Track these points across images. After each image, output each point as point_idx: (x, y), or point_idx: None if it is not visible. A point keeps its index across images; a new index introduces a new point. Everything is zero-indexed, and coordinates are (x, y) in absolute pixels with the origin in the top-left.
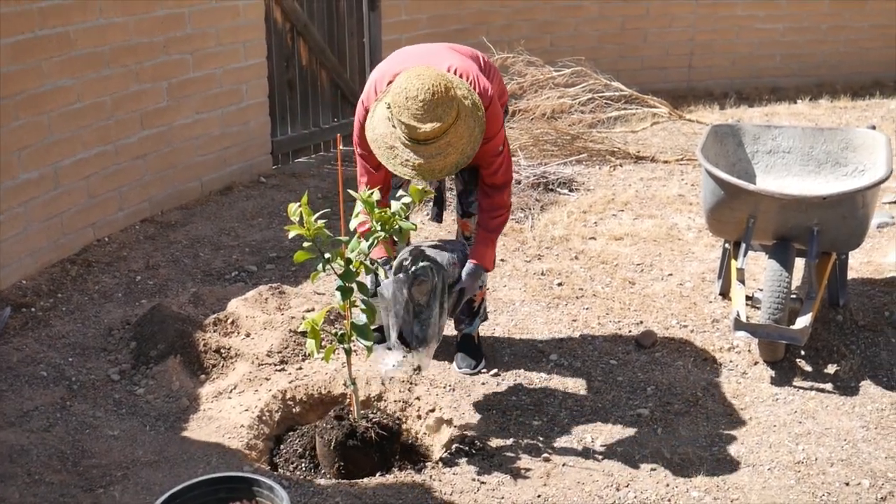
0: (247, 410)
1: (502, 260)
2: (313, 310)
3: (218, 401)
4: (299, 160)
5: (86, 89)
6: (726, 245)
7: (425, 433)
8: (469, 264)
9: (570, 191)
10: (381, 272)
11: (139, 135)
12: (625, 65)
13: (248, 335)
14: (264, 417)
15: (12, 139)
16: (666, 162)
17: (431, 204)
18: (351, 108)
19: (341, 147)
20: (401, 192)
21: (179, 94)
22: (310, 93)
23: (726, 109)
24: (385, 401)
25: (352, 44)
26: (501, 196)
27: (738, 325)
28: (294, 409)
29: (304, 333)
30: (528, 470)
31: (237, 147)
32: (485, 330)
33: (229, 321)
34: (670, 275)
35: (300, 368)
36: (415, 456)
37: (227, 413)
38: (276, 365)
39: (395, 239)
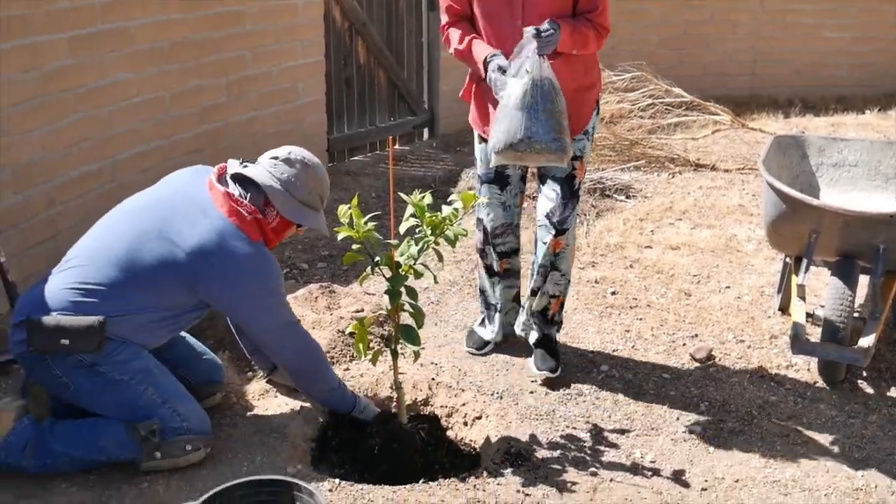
0: (293, 410)
1: None
2: (363, 310)
3: (265, 399)
4: (355, 158)
5: (145, 84)
6: (787, 259)
7: (471, 440)
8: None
9: (627, 197)
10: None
11: (196, 130)
12: (686, 70)
13: None
14: (309, 418)
15: (72, 132)
16: (727, 171)
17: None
18: (407, 108)
19: (394, 148)
20: (453, 196)
21: (237, 91)
22: (367, 91)
23: (791, 118)
24: (431, 405)
25: (410, 43)
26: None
27: (797, 343)
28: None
29: (352, 334)
30: (574, 484)
31: (292, 144)
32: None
33: None
34: (728, 287)
35: (347, 369)
36: (459, 463)
37: (272, 412)
38: None
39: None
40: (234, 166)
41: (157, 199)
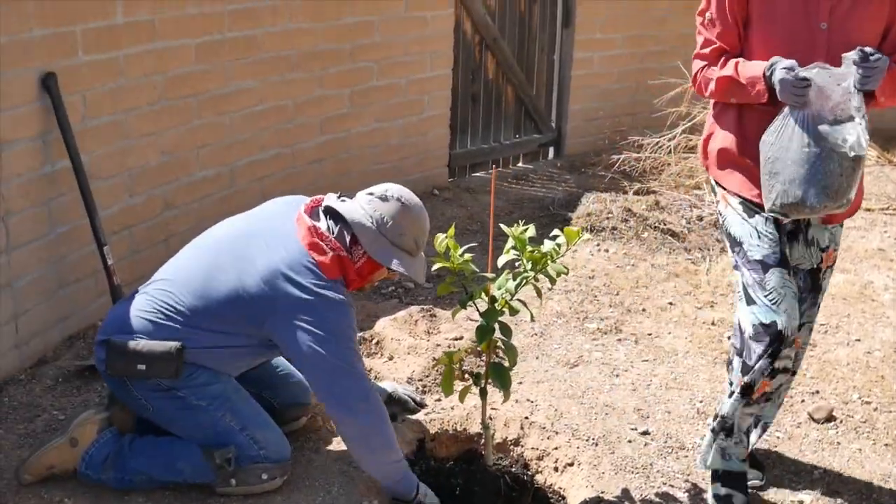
0: None
1: (670, 303)
2: (461, 337)
3: None
4: (476, 175)
5: (269, 92)
6: None
7: (560, 488)
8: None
9: None
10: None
11: (317, 140)
12: None
13: (390, 358)
14: None
15: (192, 137)
16: (868, 210)
17: None
18: (534, 126)
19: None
20: (556, 231)
21: (361, 102)
22: (493, 107)
23: None
24: (522, 447)
25: (541, 60)
26: None
27: None
28: (426, 443)
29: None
30: None
31: (414, 158)
32: (641, 380)
33: (374, 341)
34: (858, 340)
35: (438, 400)
36: None
37: None
38: None
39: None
40: (330, 199)
41: (245, 227)
